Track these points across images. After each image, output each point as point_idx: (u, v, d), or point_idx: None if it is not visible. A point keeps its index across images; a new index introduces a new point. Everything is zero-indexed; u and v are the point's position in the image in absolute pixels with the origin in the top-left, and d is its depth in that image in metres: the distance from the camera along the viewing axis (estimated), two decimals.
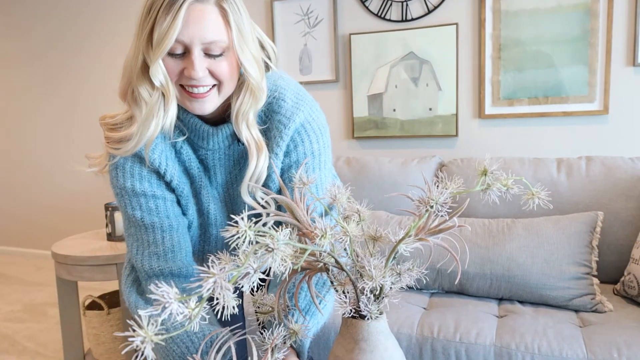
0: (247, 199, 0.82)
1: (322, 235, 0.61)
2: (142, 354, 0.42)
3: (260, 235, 0.54)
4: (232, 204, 0.91)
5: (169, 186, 0.86)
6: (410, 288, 1.74)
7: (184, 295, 0.83)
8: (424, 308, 1.60)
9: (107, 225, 2.13)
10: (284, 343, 0.78)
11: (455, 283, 1.53)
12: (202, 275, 0.48)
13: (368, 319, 0.67)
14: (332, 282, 0.70)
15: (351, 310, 0.68)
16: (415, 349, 1.42)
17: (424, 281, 1.68)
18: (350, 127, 2.79)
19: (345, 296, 0.68)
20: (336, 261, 0.64)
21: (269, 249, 0.54)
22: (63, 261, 1.94)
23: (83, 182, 3.78)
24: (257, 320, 0.83)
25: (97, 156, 0.87)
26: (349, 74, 2.74)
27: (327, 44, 2.78)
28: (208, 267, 0.57)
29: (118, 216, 2.11)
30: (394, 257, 0.70)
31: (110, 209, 2.09)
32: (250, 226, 0.53)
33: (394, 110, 2.69)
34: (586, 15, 2.29)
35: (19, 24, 3.81)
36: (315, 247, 0.61)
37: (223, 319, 0.68)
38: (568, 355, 1.28)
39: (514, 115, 2.45)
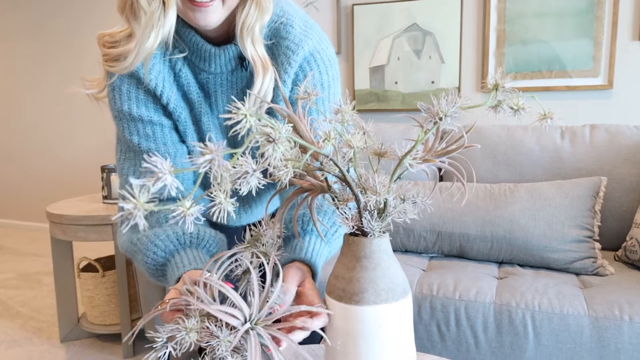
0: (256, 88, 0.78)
1: (325, 139, 0.59)
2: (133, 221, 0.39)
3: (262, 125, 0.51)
4: (235, 135, 0.88)
5: (166, 111, 0.83)
6: (408, 251, 1.72)
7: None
8: (423, 270, 1.58)
9: (103, 187, 2.10)
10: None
11: (462, 205, 1.51)
12: (197, 149, 0.46)
13: (371, 236, 0.65)
14: (334, 199, 0.67)
15: (353, 226, 0.65)
16: (414, 306, 1.40)
17: (424, 244, 1.66)
18: (351, 99, 2.75)
19: (348, 213, 0.66)
20: (339, 169, 0.62)
21: (270, 140, 0.51)
22: (58, 221, 1.91)
23: (82, 155, 3.75)
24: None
25: (94, 79, 0.84)
26: (351, 46, 2.70)
27: (330, 15, 2.74)
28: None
29: (114, 179, 2.09)
30: (399, 177, 0.68)
31: (106, 170, 2.06)
32: (251, 113, 0.50)
33: (396, 82, 2.65)
34: None
35: None
36: (318, 149, 0.58)
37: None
38: (569, 312, 1.26)
39: (518, 89, 2.42)
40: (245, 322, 0.55)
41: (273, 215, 1.07)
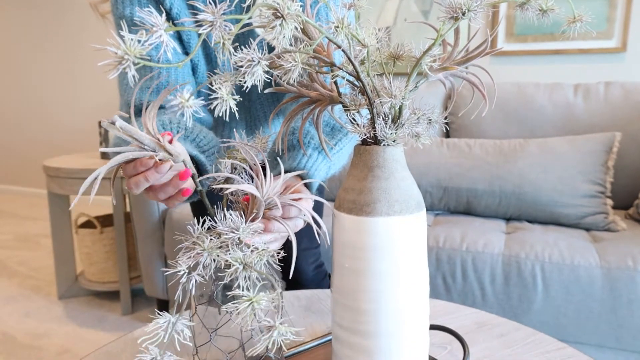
0: (260, 29, 0.73)
1: (337, 26, 0.53)
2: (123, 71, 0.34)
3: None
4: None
5: (169, 17, 0.77)
6: None
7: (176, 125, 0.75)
8: (429, 225, 1.54)
9: (101, 143, 2.05)
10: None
11: (483, 115, 1.47)
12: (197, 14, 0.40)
13: (384, 144, 0.60)
14: (345, 106, 0.62)
15: (365, 134, 0.61)
16: None
17: (429, 199, 1.61)
18: None
19: (359, 120, 0.61)
20: (352, 65, 0.56)
21: (278, 15, 0.46)
22: (55, 174, 1.87)
23: (83, 122, 3.69)
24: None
25: None
26: None
27: None
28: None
29: (113, 135, 2.03)
30: (416, 86, 0.63)
31: None
32: None
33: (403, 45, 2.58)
34: None
35: None
36: (329, 36, 0.53)
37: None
38: (580, 263, 1.22)
39: (528, 52, 2.35)
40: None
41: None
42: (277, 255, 0.57)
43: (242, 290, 0.46)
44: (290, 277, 1.14)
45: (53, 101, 3.77)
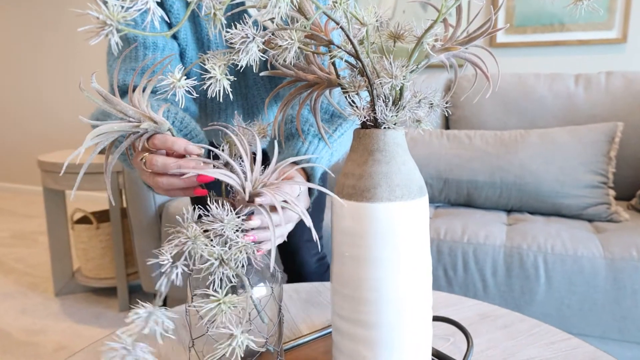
0: (254, 10, 0.70)
1: (335, 2, 0.51)
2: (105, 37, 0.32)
3: None
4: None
5: (161, 5, 0.75)
6: None
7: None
8: (429, 217, 1.52)
9: None
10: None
11: (486, 97, 1.45)
12: None
13: (385, 127, 0.58)
14: (343, 88, 0.60)
15: (365, 116, 0.58)
16: None
17: (430, 192, 1.59)
18: None
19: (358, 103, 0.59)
20: (351, 43, 0.54)
21: None
22: (50, 169, 1.84)
23: (84, 117, 3.66)
24: None
25: None
26: None
27: None
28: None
29: None
30: (417, 67, 0.60)
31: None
32: None
33: None
34: None
35: None
36: (326, 11, 0.51)
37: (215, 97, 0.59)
38: (584, 254, 1.21)
39: (527, 43, 2.33)
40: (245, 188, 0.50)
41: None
42: (263, 253, 0.55)
43: (219, 288, 0.42)
44: (290, 268, 1.12)
45: (51, 99, 3.74)
